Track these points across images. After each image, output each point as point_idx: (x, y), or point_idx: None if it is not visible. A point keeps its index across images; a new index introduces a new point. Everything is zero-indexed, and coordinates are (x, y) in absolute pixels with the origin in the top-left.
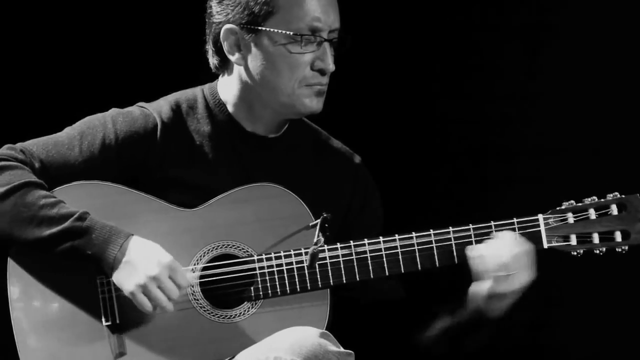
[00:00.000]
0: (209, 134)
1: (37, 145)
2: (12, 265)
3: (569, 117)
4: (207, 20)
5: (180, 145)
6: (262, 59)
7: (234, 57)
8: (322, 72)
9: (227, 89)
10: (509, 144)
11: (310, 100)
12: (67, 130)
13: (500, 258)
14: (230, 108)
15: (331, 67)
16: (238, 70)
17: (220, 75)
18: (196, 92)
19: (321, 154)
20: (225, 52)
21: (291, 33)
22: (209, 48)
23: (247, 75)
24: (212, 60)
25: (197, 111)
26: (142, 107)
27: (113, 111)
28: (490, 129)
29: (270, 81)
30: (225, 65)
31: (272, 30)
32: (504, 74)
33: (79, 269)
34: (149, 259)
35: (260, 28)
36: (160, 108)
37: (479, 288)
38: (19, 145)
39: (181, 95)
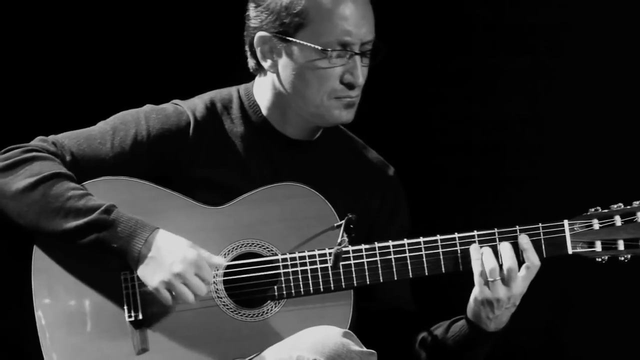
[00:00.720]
0: (242, 135)
1: (69, 138)
2: (37, 258)
3: (596, 122)
4: (245, 22)
5: (213, 145)
6: (292, 69)
7: (266, 64)
8: (350, 85)
9: (262, 91)
10: (532, 146)
11: (339, 111)
12: (100, 124)
13: (493, 262)
14: (264, 111)
15: (360, 81)
16: (271, 76)
17: (257, 76)
18: (232, 92)
19: (354, 162)
20: (258, 58)
21: (319, 48)
22: (247, 49)
23: (279, 82)
24: (250, 62)
25: (231, 111)
26: (176, 104)
27: (147, 107)
28: (512, 130)
29: (300, 91)
30: (261, 68)
31: (301, 42)
32: (520, 74)
33: (103, 264)
34: (174, 255)
35: (290, 39)
36: (194, 106)
37: (473, 293)
38: (51, 137)
39: (216, 95)
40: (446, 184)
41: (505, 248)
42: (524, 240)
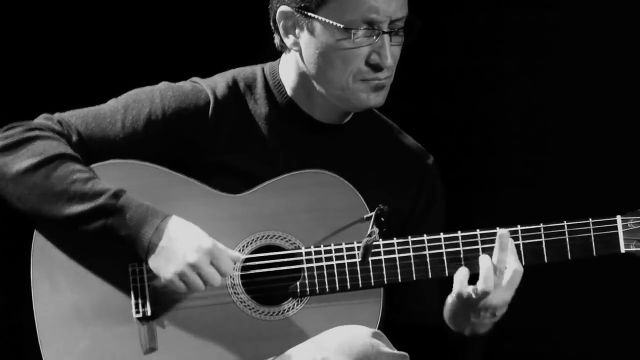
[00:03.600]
0: (266, 117)
1: (77, 117)
2: (37, 247)
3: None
4: None
5: (234, 127)
6: (315, 48)
7: (289, 41)
8: (377, 67)
9: (287, 70)
10: (579, 141)
11: (366, 95)
12: (111, 102)
13: (483, 282)
14: (289, 91)
15: (389, 62)
16: (295, 54)
17: (284, 54)
18: (256, 71)
19: (388, 149)
20: (281, 34)
21: (342, 26)
22: (272, 25)
23: (302, 61)
24: (275, 38)
25: (255, 91)
26: (195, 82)
27: (163, 85)
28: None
29: (323, 72)
30: (286, 45)
31: (324, 19)
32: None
33: (109, 253)
34: (188, 243)
35: (312, 15)
36: (214, 85)
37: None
38: (56, 115)
39: (239, 73)
40: (478, 180)
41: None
42: (510, 245)
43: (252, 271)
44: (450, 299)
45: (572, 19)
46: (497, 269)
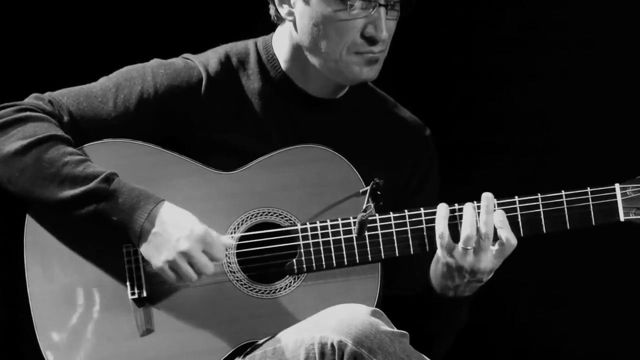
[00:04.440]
0: (260, 92)
1: (68, 96)
2: (29, 230)
3: None
4: None
5: (227, 103)
6: (310, 18)
7: (283, 11)
8: (372, 40)
9: (281, 43)
10: (579, 110)
11: (359, 68)
12: (102, 80)
13: (468, 229)
14: (283, 65)
15: (384, 35)
16: (289, 25)
17: (279, 27)
18: (249, 46)
19: (385, 122)
20: (275, 3)
21: None
22: None
23: (296, 33)
24: (270, 9)
25: (248, 66)
26: (187, 58)
27: (154, 62)
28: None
29: (318, 44)
30: (280, 15)
31: None
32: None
33: (103, 235)
34: (180, 230)
35: None
36: (207, 61)
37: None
38: (47, 94)
39: (232, 48)
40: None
41: (493, 216)
42: (500, 217)
43: (248, 249)
44: (435, 256)
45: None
46: (484, 232)
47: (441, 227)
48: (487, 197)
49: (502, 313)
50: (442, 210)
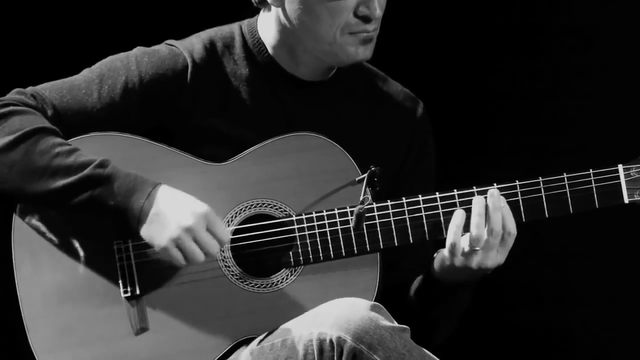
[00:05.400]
0: (247, 77)
1: (51, 90)
2: (18, 227)
3: None
4: None
5: (214, 90)
6: (299, 2)
7: None
8: (366, 19)
9: (267, 28)
10: (575, 91)
11: (355, 48)
12: (85, 72)
13: (476, 230)
14: (270, 49)
15: (377, 13)
16: (276, 9)
17: (262, 10)
18: (233, 30)
19: (376, 100)
20: None
21: None
22: None
23: (284, 17)
24: None
25: (234, 51)
26: (171, 45)
27: (137, 50)
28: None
29: (309, 27)
30: (263, 1)
31: None
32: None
33: (93, 232)
34: (182, 209)
35: None
36: (191, 47)
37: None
38: (29, 89)
39: (216, 33)
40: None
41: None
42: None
43: (243, 242)
44: (443, 252)
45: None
46: (493, 230)
47: (453, 236)
48: (492, 194)
49: (503, 313)
50: (458, 218)
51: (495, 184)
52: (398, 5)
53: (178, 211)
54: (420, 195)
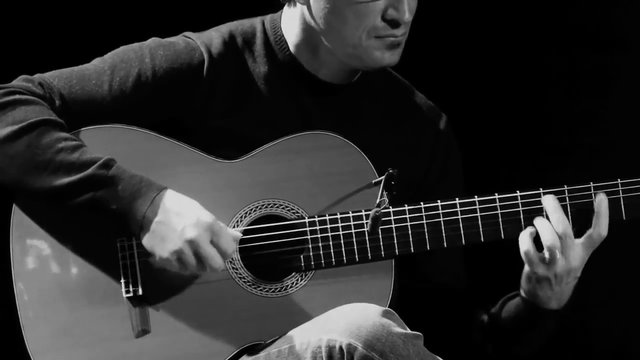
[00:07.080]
0: (266, 75)
1: (59, 78)
2: (17, 223)
3: None
4: None
5: (231, 87)
6: (326, 1)
7: None
8: (394, 23)
9: (290, 25)
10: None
11: (381, 53)
12: (97, 62)
13: (549, 237)
14: (292, 48)
15: (406, 17)
16: (301, 7)
17: (286, 6)
18: (255, 24)
19: (400, 109)
20: None
21: None
22: None
23: (310, 15)
24: None
25: (254, 47)
26: (188, 38)
27: (152, 42)
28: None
29: (334, 28)
30: None
31: None
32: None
33: (96, 228)
34: (185, 219)
35: None
36: (209, 40)
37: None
38: (37, 76)
39: (237, 27)
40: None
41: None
42: (604, 203)
43: (252, 244)
44: (525, 273)
45: None
46: (561, 232)
47: (526, 244)
48: (546, 199)
49: None
50: (527, 232)
51: (518, 191)
52: (424, 10)
53: (181, 221)
54: (439, 201)
